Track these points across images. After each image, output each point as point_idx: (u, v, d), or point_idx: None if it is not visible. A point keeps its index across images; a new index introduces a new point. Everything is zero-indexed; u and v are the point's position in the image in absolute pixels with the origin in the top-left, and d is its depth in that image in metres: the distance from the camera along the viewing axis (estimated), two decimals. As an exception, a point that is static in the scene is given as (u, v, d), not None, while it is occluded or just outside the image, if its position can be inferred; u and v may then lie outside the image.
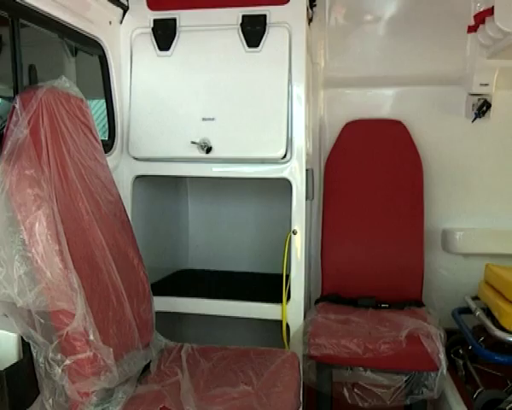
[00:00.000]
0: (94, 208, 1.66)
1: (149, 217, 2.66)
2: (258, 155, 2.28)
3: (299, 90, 2.26)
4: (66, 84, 1.67)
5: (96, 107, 2.65)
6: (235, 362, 1.81)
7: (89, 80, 2.41)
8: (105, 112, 2.36)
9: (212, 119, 2.27)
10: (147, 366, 1.74)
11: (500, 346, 2.16)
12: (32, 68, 1.65)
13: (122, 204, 1.91)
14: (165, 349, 1.90)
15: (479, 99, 2.81)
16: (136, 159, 2.38)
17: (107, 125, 2.37)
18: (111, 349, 1.44)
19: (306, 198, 2.31)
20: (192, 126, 2.29)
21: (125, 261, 1.79)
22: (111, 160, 2.17)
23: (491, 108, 2.82)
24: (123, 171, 2.36)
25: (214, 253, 3.10)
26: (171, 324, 2.61)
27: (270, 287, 2.42)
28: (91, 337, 1.39)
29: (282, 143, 2.22)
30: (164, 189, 2.86)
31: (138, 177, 2.42)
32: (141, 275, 1.86)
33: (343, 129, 2.90)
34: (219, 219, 3.12)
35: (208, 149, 2.25)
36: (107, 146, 2.28)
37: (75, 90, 1.72)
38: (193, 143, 2.25)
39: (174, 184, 3.02)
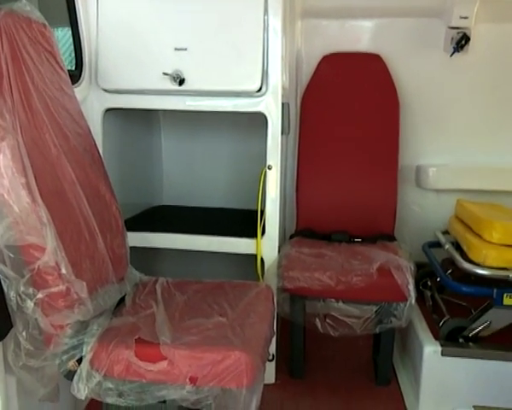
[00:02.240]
0: (62, 141, 1.60)
1: (121, 152, 2.59)
2: (233, 88, 2.21)
3: (276, 21, 2.17)
4: (27, 7, 1.55)
5: (64, 39, 2.51)
6: (210, 295, 1.83)
7: (52, 5, 2.27)
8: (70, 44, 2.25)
9: (185, 49, 2.18)
10: (121, 300, 1.74)
11: (467, 278, 2.25)
12: (-13, -11, 1.53)
13: (92, 138, 1.84)
14: (139, 283, 1.90)
15: (458, 32, 2.77)
16: (106, 91, 2.29)
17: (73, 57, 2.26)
18: (84, 283, 1.43)
19: (282, 133, 2.28)
20: (164, 57, 2.20)
21: (97, 196, 1.75)
22: (79, 91, 2.07)
23: (470, 42, 2.78)
24: (92, 103, 2.28)
25: (189, 189, 3.08)
26: (147, 259, 2.62)
27: (246, 222, 2.43)
28: (63, 271, 1.38)
29: (258, 75, 2.16)
30: (136, 123, 2.78)
31: (109, 110, 2.34)
32: (113, 210, 1.83)
33: (320, 62, 2.84)
34: (194, 155, 3.08)
35: (181, 81, 2.17)
36: (75, 77, 2.17)
37: (37, 15, 1.60)
38: (165, 74, 2.17)
39: (147, 118, 2.93)
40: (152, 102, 2.33)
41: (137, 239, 2.28)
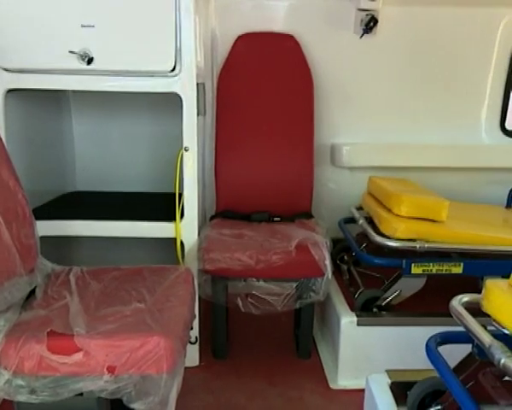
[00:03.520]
0: (-45, 125, 1.47)
1: (27, 136, 2.43)
2: (145, 68, 2.14)
3: None
4: None
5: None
6: (127, 281, 1.78)
7: None
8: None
9: (92, 26, 2.07)
10: (32, 292, 1.65)
11: (380, 250, 2.36)
12: None
13: (-9, 121, 1.72)
14: (52, 274, 1.81)
15: (366, 14, 2.85)
16: (7, 70, 2.13)
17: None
18: (-14, 277, 1.34)
19: (198, 114, 2.25)
20: (69, 34, 2.08)
21: (-1, 184, 1.64)
22: (-26, 70, 1.92)
23: (378, 24, 2.88)
24: (-9, 84, 2.11)
25: (105, 173, 2.96)
26: (60, 248, 2.50)
27: (165, 206, 2.38)
28: (-39, 265, 1.28)
29: (171, 54, 2.11)
30: (43, 104, 2.61)
31: (11, 91, 2.17)
32: (19, 198, 1.72)
33: (235, 42, 2.82)
34: (108, 138, 2.96)
35: (89, 60, 2.07)
36: (-31, 54, 2.00)
37: None
38: (71, 52, 2.05)
39: (55, 100, 2.76)
40: (59, 83, 2.20)
41: (49, 228, 2.17)
